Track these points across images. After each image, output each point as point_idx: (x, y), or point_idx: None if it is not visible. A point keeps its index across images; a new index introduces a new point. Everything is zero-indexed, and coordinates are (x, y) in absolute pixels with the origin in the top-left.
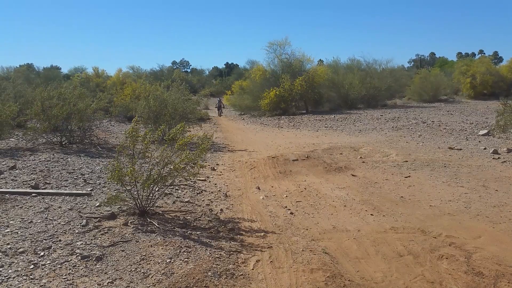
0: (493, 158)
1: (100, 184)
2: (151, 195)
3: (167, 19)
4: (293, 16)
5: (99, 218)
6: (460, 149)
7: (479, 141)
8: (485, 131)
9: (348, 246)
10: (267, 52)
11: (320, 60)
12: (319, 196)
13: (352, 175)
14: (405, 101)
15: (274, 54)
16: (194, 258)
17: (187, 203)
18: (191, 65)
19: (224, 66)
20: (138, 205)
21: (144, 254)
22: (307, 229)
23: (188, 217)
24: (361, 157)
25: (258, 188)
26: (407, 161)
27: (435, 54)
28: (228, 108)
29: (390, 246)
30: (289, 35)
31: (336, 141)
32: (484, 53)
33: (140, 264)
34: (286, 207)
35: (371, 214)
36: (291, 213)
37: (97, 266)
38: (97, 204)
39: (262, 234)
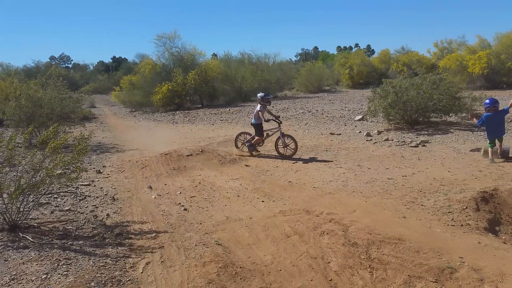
0: (366, 140)
1: None
2: (23, 206)
3: (43, 10)
4: (183, 9)
5: None
6: (340, 134)
7: (355, 126)
8: (360, 117)
9: (240, 235)
10: (156, 45)
11: (214, 54)
12: (214, 189)
13: (246, 165)
14: (294, 92)
15: (163, 47)
16: (74, 270)
17: (67, 212)
18: (72, 60)
19: (111, 60)
20: (7, 219)
21: (14, 273)
22: (201, 223)
23: (69, 227)
24: None
25: (150, 188)
26: None
27: (318, 48)
28: (118, 105)
29: (279, 229)
30: (179, 28)
31: (232, 133)
32: (359, 46)
33: (10, 285)
34: (179, 203)
35: (262, 201)
36: (185, 209)
37: None
38: None
39: (154, 234)
